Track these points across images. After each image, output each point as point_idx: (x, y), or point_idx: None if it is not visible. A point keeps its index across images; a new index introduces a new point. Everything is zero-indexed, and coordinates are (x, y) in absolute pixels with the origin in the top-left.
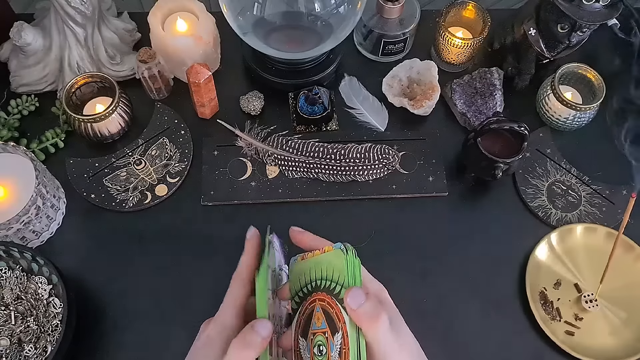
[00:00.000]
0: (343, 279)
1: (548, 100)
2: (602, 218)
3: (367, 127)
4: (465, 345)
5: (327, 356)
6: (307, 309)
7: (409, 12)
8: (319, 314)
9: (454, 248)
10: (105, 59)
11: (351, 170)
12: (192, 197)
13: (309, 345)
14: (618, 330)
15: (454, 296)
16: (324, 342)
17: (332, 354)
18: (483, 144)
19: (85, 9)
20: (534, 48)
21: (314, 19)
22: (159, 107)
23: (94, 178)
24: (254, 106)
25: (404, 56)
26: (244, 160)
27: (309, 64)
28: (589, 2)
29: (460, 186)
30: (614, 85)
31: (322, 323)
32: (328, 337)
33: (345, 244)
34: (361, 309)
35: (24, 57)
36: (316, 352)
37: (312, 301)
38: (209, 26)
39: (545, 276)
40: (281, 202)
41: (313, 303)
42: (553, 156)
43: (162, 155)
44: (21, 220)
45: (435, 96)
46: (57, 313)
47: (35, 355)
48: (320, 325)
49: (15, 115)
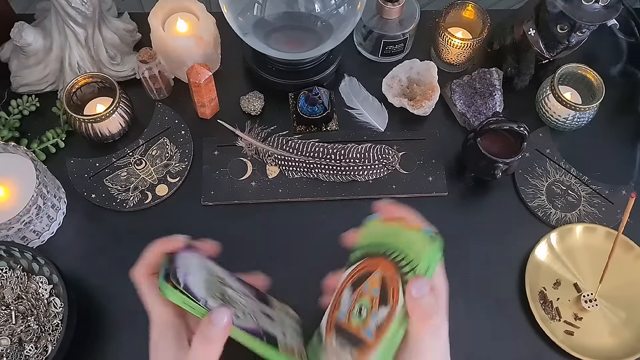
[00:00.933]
0: (416, 264)
1: (547, 100)
2: (602, 218)
3: (367, 127)
4: (464, 345)
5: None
6: (365, 267)
7: (408, 13)
8: (377, 280)
9: (454, 248)
10: (106, 59)
11: (351, 170)
12: (193, 197)
13: (352, 301)
14: (617, 330)
15: (454, 296)
16: (367, 307)
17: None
18: (483, 144)
19: (86, 10)
20: (534, 48)
21: (314, 20)
22: (159, 107)
23: (95, 178)
24: (254, 106)
25: (403, 56)
26: (244, 160)
27: (309, 64)
28: (589, 3)
29: (460, 186)
30: (613, 85)
31: (375, 290)
32: (374, 306)
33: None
34: (420, 301)
35: (24, 58)
36: (356, 311)
37: (374, 263)
38: (209, 26)
39: (544, 276)
40: (281, 202)
41: (375, 266)
42: (552, 156)
43: (162, 155)
44: (22, 220)
45: (435, 96)
46: (58, 313)
47: (36, 355)
48: (372, 291)
49: (16, 116)
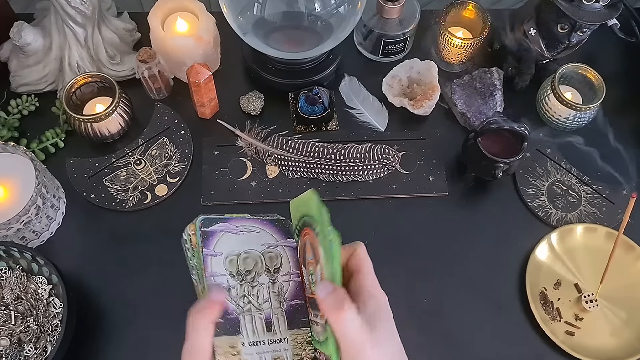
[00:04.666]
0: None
1: (548, 100)
2: (602, 218)
3: (367, 127)
4: (465, 345)
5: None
6: (303, 242)
7: (409, 12)
8: (308, 246)
9: (454, 248)
10: (105, 58)
11: (351, 170)
12: (192, 197)
13: (307, 274)
14: (618, 330)
15: (454, 296)
16: (313, 272)
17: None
18: (483, 144)
19: (85, 9)
20: (534, 48)
21: (314, 19)
22: (159, 107)
23: (94, 178)
24: (254, 106)
25: (404, 56)
26: (244, 160)
27: (309, 64)
28: (589, 2)
29: (460, 186)
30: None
31: (311, 255)
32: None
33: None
34: (327, 298)
35: (24, 57)
36: (312, 280)
37: (304, 234)
38: (209, 26)
39: (545, 276)
40: (281, 202)
41: (305, 236)
42: (553, 156)
43: (162, 155)
44: (21, 220)
45: (435, 96)
46: (57, 313)
47: (35, 355)
48: (309, 257)
49: (15, 115)
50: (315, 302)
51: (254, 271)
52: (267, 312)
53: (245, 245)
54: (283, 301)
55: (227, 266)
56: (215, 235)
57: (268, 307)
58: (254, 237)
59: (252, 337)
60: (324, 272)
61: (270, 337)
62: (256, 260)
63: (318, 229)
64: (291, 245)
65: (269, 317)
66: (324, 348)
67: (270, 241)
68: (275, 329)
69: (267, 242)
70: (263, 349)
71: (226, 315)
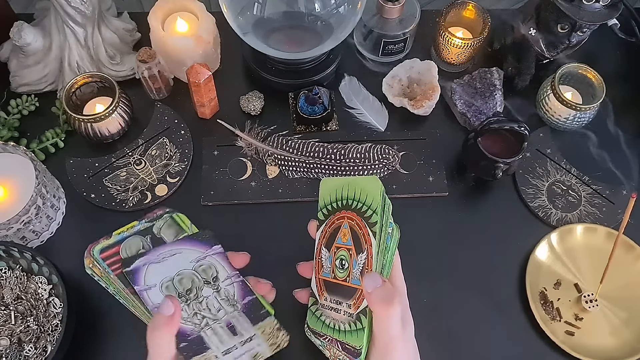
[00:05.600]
0: (376, 205)
1: (548, 100)
2: (602, 218)
3: (367, 127)
4: (465, 345)
5: (348, 271)
6: (334, 223)
7: (409, 12)
8: (346, 230)
9: (454, 248)
10: (105, 58)
11: (351, 170)
12: (192, 197)
13: (331, 257)
14: (618, 330)
15: (454, 296)
16: (347, 258)
17: (354, 271)
18: (483, 144)
19: (85, 9)
20: (534, 48)
21: (314, 19)
22: (159, 107)
23: (94, 178)
24: (254, 106)
25: (404, 56)
26: (244, 160)
27: (309, 64)
28: (589, 2)
29: (460, 186)
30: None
31: (348, 240)
32: (352, 255)
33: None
34: (376, 291)
35: (23, 57)
36: (338, 265)
37: (340, 217)
38: (209, 26)
39: (545, 276)
40: (281, 202)
41: (341, 219)
42: (553, 156)
43: (162, 155)
44: (21, 220)
45: (435, 96)
46: (57, 313)
47: (35, 355)
48: (345, 242)
49: (15, 115)
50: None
51: (194, 288)
52: (225, 319)
53: (174, 268)
54: (235, 303)
55: (165, 293)
56: (140, 271)
57: (224, 314)
58: (179, 258)
59: (222, 347)
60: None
61: (239, 340)
62: (191, 278)
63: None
64: (218, 251)
65: (229, 323)
66: (349, 338)
67: (196, 256)
68: (240, 331)
69: (194, 258)
70: (237, 352)
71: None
